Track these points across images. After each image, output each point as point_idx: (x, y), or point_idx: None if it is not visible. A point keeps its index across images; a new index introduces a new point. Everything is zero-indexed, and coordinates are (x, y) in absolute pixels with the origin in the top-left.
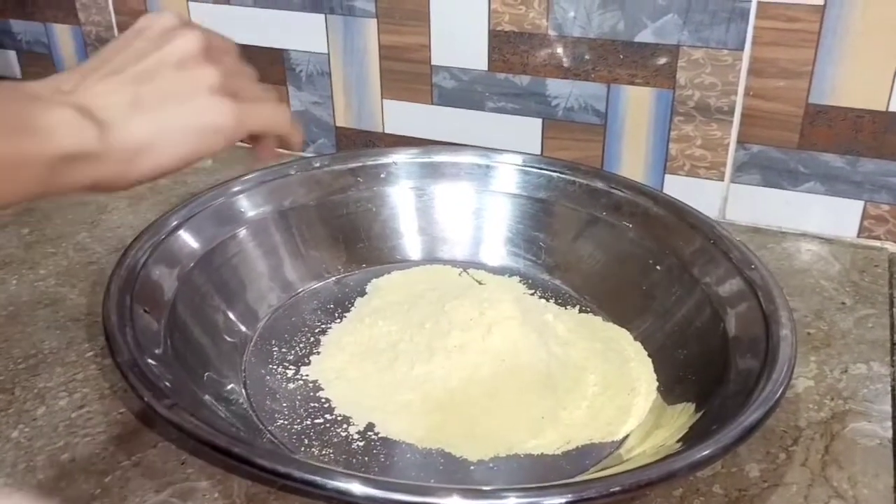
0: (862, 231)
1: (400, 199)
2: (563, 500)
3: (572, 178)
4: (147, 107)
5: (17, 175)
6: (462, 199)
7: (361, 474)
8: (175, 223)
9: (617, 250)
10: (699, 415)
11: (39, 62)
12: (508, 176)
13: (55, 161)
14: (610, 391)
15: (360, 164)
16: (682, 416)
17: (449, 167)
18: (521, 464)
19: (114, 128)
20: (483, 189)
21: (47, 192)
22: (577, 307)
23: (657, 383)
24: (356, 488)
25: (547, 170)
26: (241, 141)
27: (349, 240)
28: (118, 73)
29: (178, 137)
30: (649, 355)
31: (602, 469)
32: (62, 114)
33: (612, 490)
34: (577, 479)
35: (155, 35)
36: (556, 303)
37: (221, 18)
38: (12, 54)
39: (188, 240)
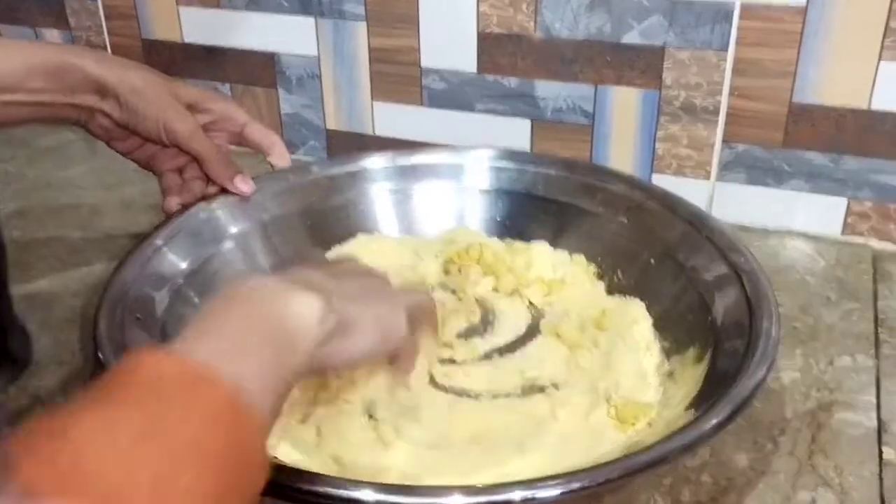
0: (846, 228)
1: (379, 201)
2: (561, 491)
3: (566, 175)
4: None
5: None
6: (443, 197)
7: (368, 480)
8: (159, 243)
9: (609, 242)
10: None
11: None
12: (492, 173)
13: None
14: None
15: (338, 172)
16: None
17: (425, 168)
18: None
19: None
20: (460, 187)
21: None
22: None
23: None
24: (367, 495)
25: (536, 165)
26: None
27: (329, 245)
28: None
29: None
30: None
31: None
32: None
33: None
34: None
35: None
36: None
37: (212, 22)
38: None
39: (173, 258)
